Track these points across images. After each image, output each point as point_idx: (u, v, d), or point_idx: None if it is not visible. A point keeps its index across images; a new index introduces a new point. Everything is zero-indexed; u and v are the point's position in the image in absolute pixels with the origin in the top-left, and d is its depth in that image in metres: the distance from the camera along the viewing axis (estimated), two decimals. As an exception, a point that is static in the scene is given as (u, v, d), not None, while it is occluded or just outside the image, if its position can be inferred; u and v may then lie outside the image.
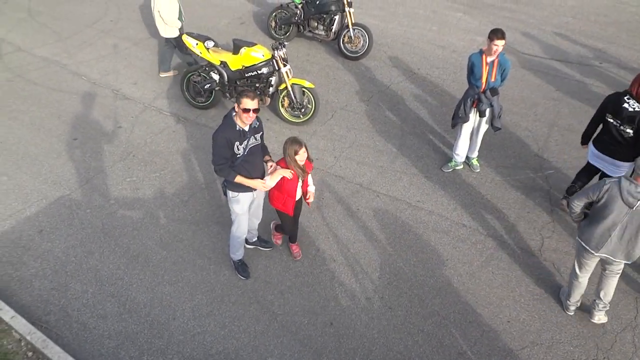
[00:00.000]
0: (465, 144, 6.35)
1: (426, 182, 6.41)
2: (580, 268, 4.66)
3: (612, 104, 5.14)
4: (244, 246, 5.36)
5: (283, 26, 9.32)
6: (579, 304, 4.95)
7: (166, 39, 8.21)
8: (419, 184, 6.38)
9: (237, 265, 5.33)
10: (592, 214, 4.40)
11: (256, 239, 5.53)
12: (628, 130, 5.04)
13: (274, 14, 9.36)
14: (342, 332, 4.82)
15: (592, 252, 4.43)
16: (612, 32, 10.08)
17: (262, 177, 4.76)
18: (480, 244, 5.63)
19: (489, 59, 5.72)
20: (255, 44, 7.32)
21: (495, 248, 5.59)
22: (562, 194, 6.17)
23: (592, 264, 4.60)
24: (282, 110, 7.34)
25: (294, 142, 4.57)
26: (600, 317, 4.85)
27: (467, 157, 6.58)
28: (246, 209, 4.92)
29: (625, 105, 5.01)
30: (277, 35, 9.34)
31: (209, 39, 7.34)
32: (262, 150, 4.75)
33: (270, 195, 4.97)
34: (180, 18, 7.97)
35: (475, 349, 4.66)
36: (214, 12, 10.45)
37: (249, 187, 4.67)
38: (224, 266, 5.41)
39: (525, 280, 5.27)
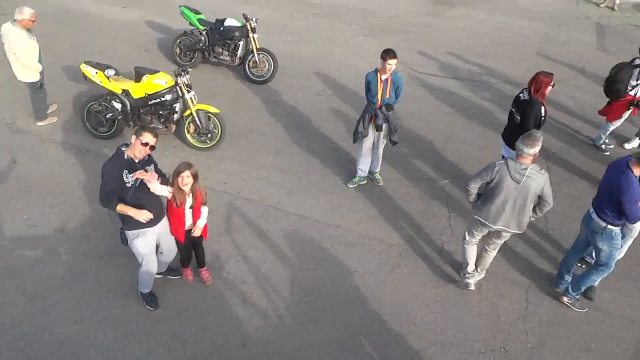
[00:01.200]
0: (367, 159, 6.64)
1: (333, 198, 6.62)
2: (470, 235, 5.26)
3: (515, 97, 6.02)
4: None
5: (188, 53, 9.33)
6: (475, 275, 5.44)
7: (30, 83, 7.29)
8: (325, 201, 6.57)
9: (145, 297, 5.21)
10: (486, 193, 4.93)
11: (166, 269, 5.44)
12: (517, 117, 5.82)
13: (178, 41, 9.36)
14: (256, 352, 4.84)
15: (491, 225, 4.95)
16: (500, 51, 10.98)
17: (159, 215, 4.70)
18: (385, 253, 5.88)
19: (384, 77, 6.08)
20: (158, 71, 7.29)
21: (400, 256, 5.86)
22: (458, 201, 6.60)
23: (481, 234, 5.22)
24: (188, 136, 7.32)
25: (180, 166, 4.60)
26: (473, 282, 5.46)
27: (370, 172, 6.87)
28: (151, 247, 4.83)
29: (520, 94, 5.91)
30: (182, 62, 9.33)
31: (109, 67, 7.21)
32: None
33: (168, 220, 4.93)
34: (40, 60, 7.21)
35: (385, 355, 4.84)
36: (118, 40, 10.27)
37: (148, 222, 4.60)
38: (132, 299, 5.27)
39: (428, 283, 5.56)
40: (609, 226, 4.88)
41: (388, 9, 12.94)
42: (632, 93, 7.24)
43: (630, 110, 7.45)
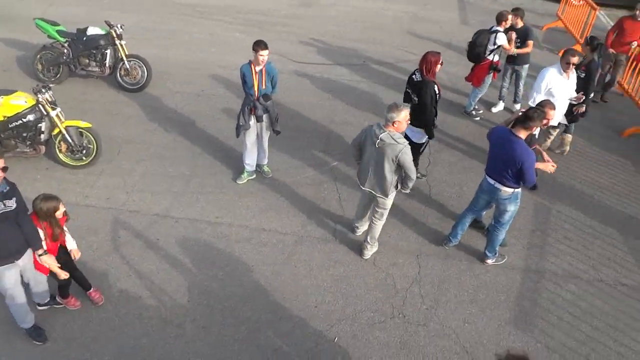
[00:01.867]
0: (253, 153, 6.62)
1: (223, 197, 6.54)
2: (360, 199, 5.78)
3: (408, 79, 6.34)
4: (37, 308, 4.92)
5: (52, 68, 8.74)
6: (359, 228, 5.93)
7: None
8: (216, 201, 6.47)
9: (29, 333, 4.83)
10: (361, 155, 5.32)
11: (49, 298, 5.08)
12: (415, 98, 6.18)
13: (38, 56, 8.72)
14: (158, 366, 4.67)
15: (361, 186, 5.44)
16: (372, 34, 11.40)
17: (20, 249, 4.39)
18: (280, 243, 5.92)
19: (258, 69, 6.08)
20: (15, 91, 6.77)
21: (295, 243, 5.92)
22: (347, 182, 6.79)
23: (364, 198, 5.66)
24: (60, 156, 6.87)
25: (49, 202, 4.37)
26: (367, 253, 5.78)
27: (258, 166, 6.86)
28: (15, 280, 4.48)
29: (413, 76, 6.25)
30: (45, 78, 8.71)
31: (-44, 96, 6.57)
32: (21, 217, 4.35)
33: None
34: None
35: (289, 341, 4.88)
36: (-33, 63, 9.39)
37: (7, 258, 4.29)
38: (16, 335, 4.87)
39: (324, 265, 5.67)
40: (515, 190, 5.26)
41: (261, 3, 12.95)
42: (490, 57, 7.83)
43: (491, 74, 8.05)
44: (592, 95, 7.18)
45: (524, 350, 4.88)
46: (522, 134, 5.04)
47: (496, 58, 7.86)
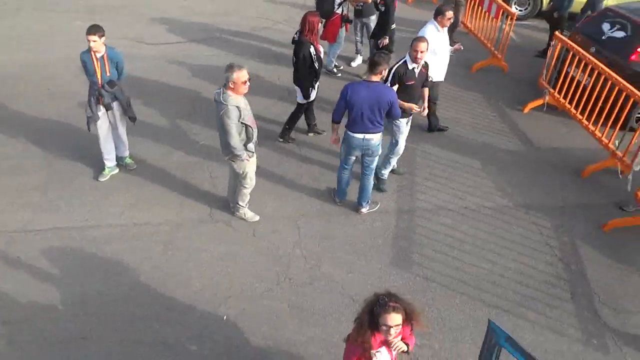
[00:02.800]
0: (110, 146, 6.25)
1: (86, 199, 6.12)
2: None
3: (292, 40, 6.59)
4: None
5: None
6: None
7: None
8: (79, 204, 6.04)
9: None
10: None
11: None
12: (293, 57, 6.47)
13: None
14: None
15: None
16: (224, 5, 11.09)
17: None
18: (155, 235, 5.68)
19: (98, 55, 5.74)
20: None
21: (171, 232, 5.72)
22: (217, 157, 6.63)
23: (230, 168, 5.67)
24: None
25: None
26: (238, 215, 5.85)
27: (120, 158, 6.49)
28: None
29: (294, 36, 6.57)
30: None
31: None
32: None
33: None
34: None
35: (178, 331, 4.73)
36: None
37: None
38: None
39: (204, 247, 5.55)
40: (381, 133, 5.54)
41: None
42: (339, 11, 7.94)
43: (344, 28, 8.17)
44: (393, 26, 7.72)
45: (387, 289, 5.14)
46: (376, 78, 5.31)
47: (345, 11, 7.99)
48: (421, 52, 5.63)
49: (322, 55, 6.60)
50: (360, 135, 5.48)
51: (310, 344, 4.65)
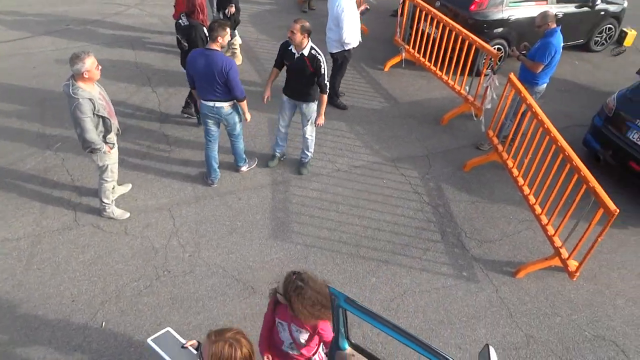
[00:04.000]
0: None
1: None
2: None
3: (176, 25, 6.33)
4: None
5: None
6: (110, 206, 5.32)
7: None
8: None
9: None
10: None
11: None
12: (185, 43, 6.22)
13: None
14: None
15: None
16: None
17: None
18: (15, 251, 5.23)
19: None
20: None
21: (32, 245, 5.29)
22: (77, 159, 6.19)
23: None
24: None
25: None
26: (105, 214, 5.56)
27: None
28: None
29: (180, 21, 6.23)
30: None
31: None
32: None
33: None
34: None
35: (53, 348, 4.43)
36: None
37: None
38: None
39: (72, 255, 5.21)
40: (234, 102, 5.55)
41: None
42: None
43: None
44: None
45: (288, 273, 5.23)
46: (215, 46, 5.26)
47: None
48: (291, 31, 5.51)
49: None
50: (210, 103, 5.47)
51: (197, 331, 4.57)
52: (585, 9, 8.90)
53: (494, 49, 8.01)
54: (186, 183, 6.06)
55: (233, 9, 7.43)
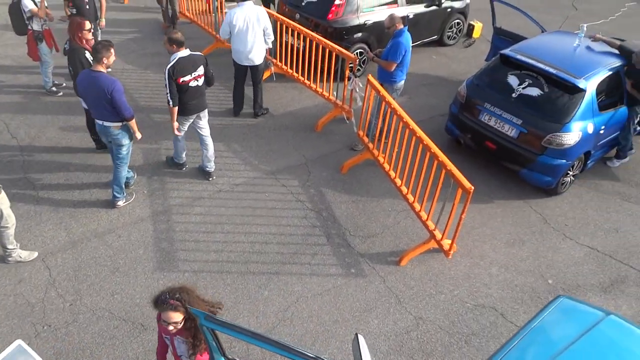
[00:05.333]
0: None
1: None
2: None
3: (63, 50, 6.31)
4: None
5: None
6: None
7: None
8: None
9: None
10: None
11: None
12: (70, 68, 6.15)
13: None
14: None
15: None
16: None
17: None
18: None
19: None
20: None
21: None
22: None
23: None
24: None
25: None
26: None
27: None
28: None
29: (65, 46, 6.27)
30: None
31: None
32: None
33: None
34: None
35: None
36: None
37: None
38: None
39: None
40: (123, 124, 5.52)
41: None
42: (31, 27, 7.26)
43: (43, 43, 7.42)
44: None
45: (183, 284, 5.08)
46: (101, 68, 5.33)
47: (36, 27, 7.29)
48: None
49: None
50: (99, 122, 5.53)
51: (87, 383, 4.34)
52: (434, 7, 9.64)
53: (357, 52, 8.47)
54: (59, 229, 5.74)
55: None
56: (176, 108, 5.81)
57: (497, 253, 5.90)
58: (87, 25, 6.11)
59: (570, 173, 6.63)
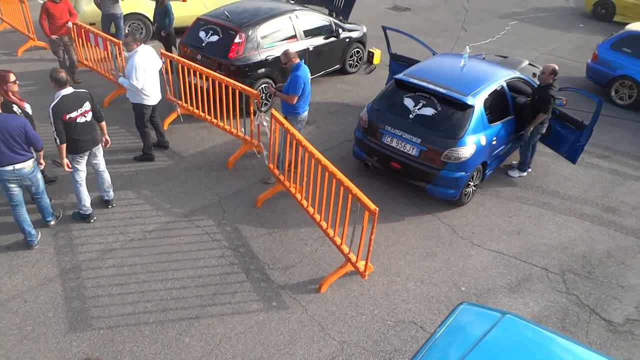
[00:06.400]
0: None
1: None
2: None
3: None
4: None
5: None
6: None
7: None
8: None
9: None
10: None
11: None
12: None
13: None
14: None
15: None
16: None
17: None
18: None
19: None
20: None
21: None
22: None
23: None
24: None
25: None
26: None
27: None
28: None
29: None
30: None
31: None
32: None
33: None
34: None
35: None
36: None
37: None
38: None
39: None
40: (33, 159, 5.63)
41: None
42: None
43: None
44: None
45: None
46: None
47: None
48: None
49: (29, 111, 6.18)
50: (9, 168, 5.46)
51: None
52: (332, 39, 10.04)
53: (261, 87, 8.64)
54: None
55: None
56: (64, 145, 5.86)
57: (412, 268, 6.14)
58: (12, 77, 5.96)
59: (472, 184, 7.06)
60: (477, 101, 6.82)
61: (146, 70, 6.99)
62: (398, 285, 5.90)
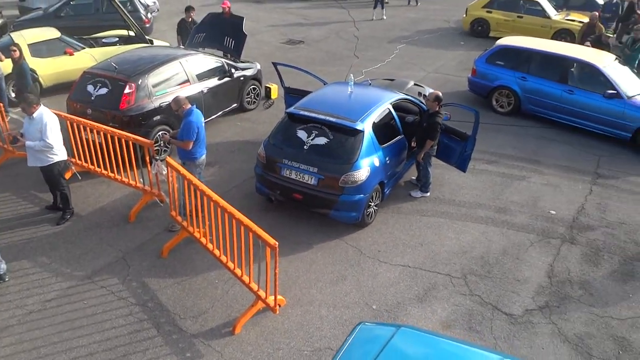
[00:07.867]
0: None
1: None
2: None
3: None
4: None
5: None
6: None
7: None
8: None
9: None
10: None
11: None
12: None
13: None
14: None
15: None
16: None
17: None
18: None
19: None
20: None
21: None
22: None
23: None
24: None
25: None
26: None
27: None
28: None
29: None
30: None
31: None
32: None
33: None
34: None
35: None
36: None
37: None
38: None
39: None
40: None
41: None
42: None
43: None
44: None
45: None
46: None
47: None
48: None
49: None
50: None
51: None
52: (226, 79, 10.18)
53: (159, 135, 8.56)
54: None
55: None
56: None
57: (324, 294, 6.26)
58: None
59: (372, 204, 7.36)
60: (366, 125, 7.17)
61: (53, 129, 6.76)
62: (311, 314, 5.98)
